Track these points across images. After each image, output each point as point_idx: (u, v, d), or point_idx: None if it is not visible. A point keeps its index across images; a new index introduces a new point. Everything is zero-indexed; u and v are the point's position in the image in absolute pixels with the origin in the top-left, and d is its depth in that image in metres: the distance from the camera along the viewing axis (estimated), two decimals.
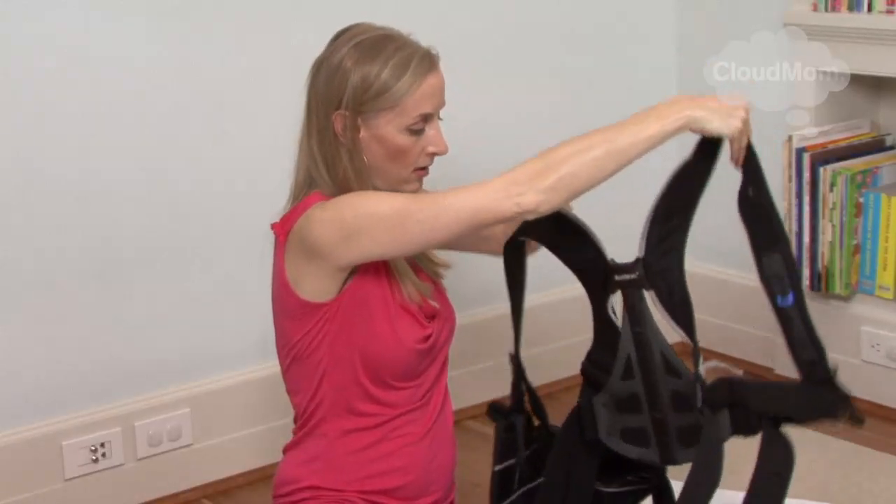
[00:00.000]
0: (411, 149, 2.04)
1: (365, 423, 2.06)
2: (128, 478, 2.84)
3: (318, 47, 2.96)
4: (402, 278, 2.06)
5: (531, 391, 2.13)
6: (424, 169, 2.08)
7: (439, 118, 2.07)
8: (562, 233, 2.00)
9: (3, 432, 2.71)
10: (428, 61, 2.03)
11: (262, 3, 2.90)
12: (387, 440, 2.07)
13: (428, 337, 2.07)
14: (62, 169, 2.69)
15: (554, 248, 2.02)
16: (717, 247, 3.65)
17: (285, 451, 2.14)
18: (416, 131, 2.03)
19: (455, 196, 1.93)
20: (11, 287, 2.67)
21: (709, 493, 1.85)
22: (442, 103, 2.06)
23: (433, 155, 2.07)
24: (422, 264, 2.16)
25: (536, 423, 2.14)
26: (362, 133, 2.02)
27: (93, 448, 2.79)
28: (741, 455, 2.97)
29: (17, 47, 2.61)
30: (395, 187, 2.06)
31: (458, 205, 1.92)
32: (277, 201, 3.00)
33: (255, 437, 2.97)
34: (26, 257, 2.68)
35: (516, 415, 2.11)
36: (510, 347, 2.16)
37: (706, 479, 1.86)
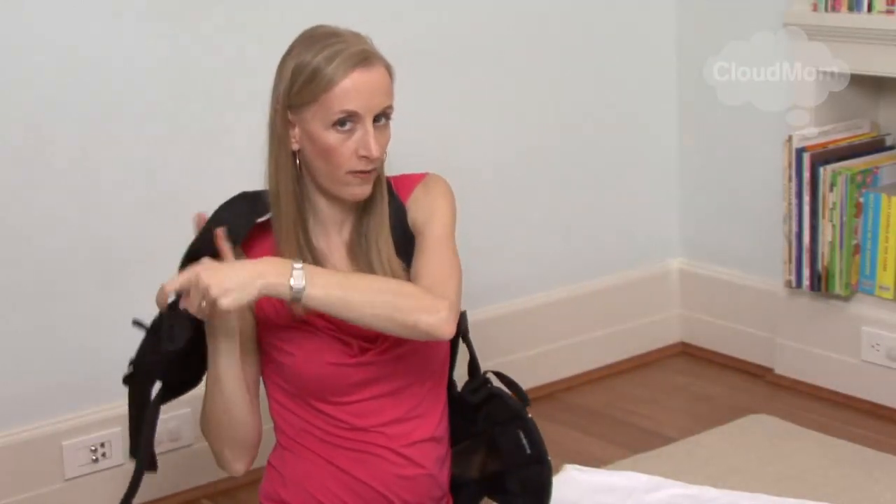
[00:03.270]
0: (338, 148, 1.98)
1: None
2: (128, 478, 2.83)
3: None
4: None
5: None
6: (361, 172, 2.00)
7: (377, 121, 1.99)
8: None
9: (3, 432, 2.71)
10: (359, 58, 1.97)
11: (262, 3, 2.90)
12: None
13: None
14: (62, 169, 2.69)
15: None
16: (716, 247, 3.66)
17: None
18: (343, 130, 1.97)
19: None
20: (11, 287, 2.67)
21: None
22: (374, 105, 1.98)
23: (365, 158, 1.99)
24: None
25: None
26: (296, 129, 2.01)
27: (93, 448, 2.79)
28: (742, 456, 2.98)
29: (16, 47, 2.61)
30: (333, 189, 2.02)
31: None
32: None
33: None
34: (26, 257, 2.68)
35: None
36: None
37: None
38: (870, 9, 3.11)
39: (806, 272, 3.27)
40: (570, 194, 3.51)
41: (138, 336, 2.82)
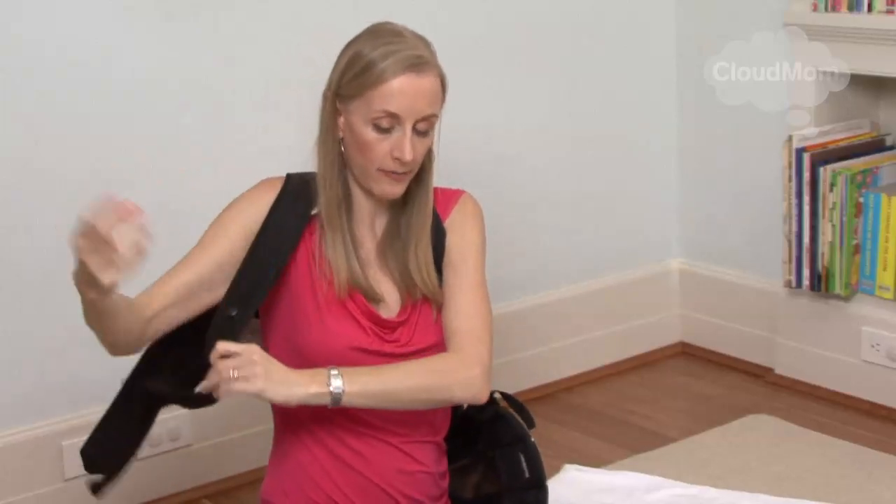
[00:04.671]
0: (375, 146, 2.00)
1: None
2: (128, 478, 2.83)
3: (317, 47, 2.96)
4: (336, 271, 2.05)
5: None
6: (393, 173, 2.02)
7: (419, 127, 2.00)
8: None
9: (3, 432, 2.71)
10: (411, 61, 1.98)
11: (262, 3, 2.90)
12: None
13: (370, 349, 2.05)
14: (63, 169, 2.69)
15: None
16: (716, 247, 3.66)
17: None
18: (382, 129, 1.99)
19: None
20: (11, 287, 2.67)
21: None
22: (417, 111, 1.99)
23: (398, 160, 2.01)
24: (408, 280, 2.10)
25: None
26: (342, 118, 2.04)
27: None
28: (742, 456, 2.98)
29: (17, 47, 2.61)
30: (365, 183, 2.05)
31: None
32: None
33: (255, 437, 2.96)
34: (26, 257, 2.68)
35: None
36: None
37: None
38: (870, 9, 3.11)
39: (806, 272, 3.27)
40: (570, 194, 3.51)
41: None
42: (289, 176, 2.13)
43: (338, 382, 1.92)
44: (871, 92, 3.34)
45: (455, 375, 2.00)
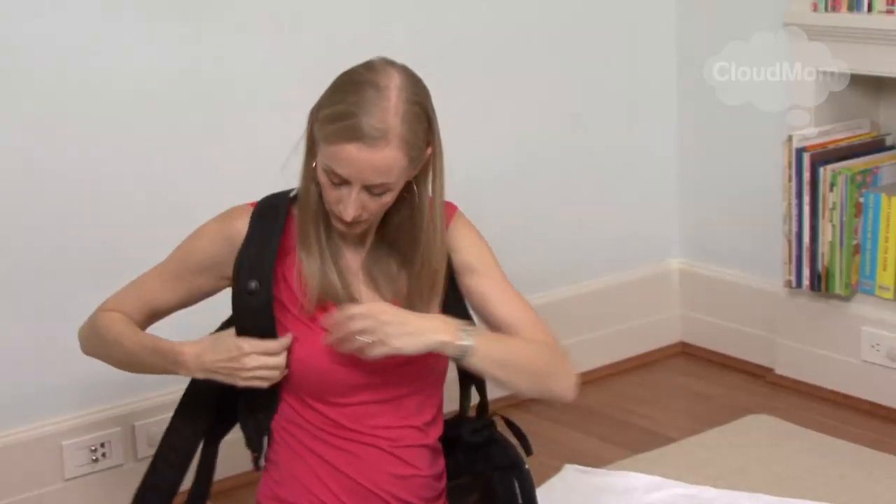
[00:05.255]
0: (327, 191, 1.97)
1: None
2: (128, 478, 2.84)
3: (316, 48, 2.97)
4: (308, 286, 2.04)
5: None
6: (341, 220, 1.99)
7: (372, 191, 1.95)
8: None
9: (3, 432, 2.71)
10: (362, 133, 1.90)
11: (261, 3, 2.90)
12: None
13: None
14: (63, 170, 2.69)
15: None
16: (716, 247, 3.66)
17: None
18: (335, 180, 1.95)
19: None
20: (11, 287, 2.67)
21: None
22: (365, 179, 1.93)
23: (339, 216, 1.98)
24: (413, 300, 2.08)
25: None
26: (316, 146, 2.01)
27: (93, 448, 2.79)
28: (742, 456, 2.98)
29: (17, 48, 2.61)
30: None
31: None
32: None
33: None
34: (27, 257, 2.68)
35: None
36: None
37: None
38: (870, 9, 3.11)
39: (806, 272, 3.27)
40: (570, 194, 3.51)
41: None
42: (261, 202, 2.11)
43: (468, 341, 1.94)
44: (871, 92, 3.34)
45: (563, 367, 2.10)
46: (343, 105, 1.93)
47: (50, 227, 2.70)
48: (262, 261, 2.04)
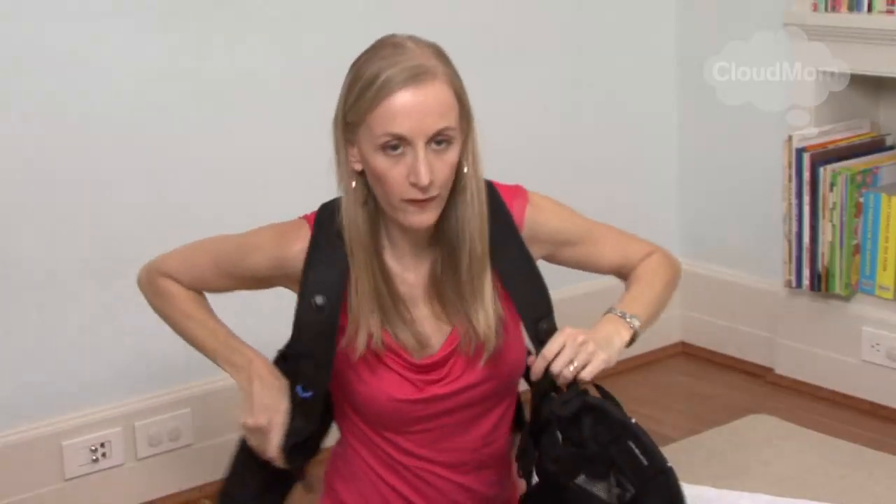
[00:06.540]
0: (389, 174, 1.82)
1: None
2: (128, 478, 2.84)
3: (315, 48, 2.97)
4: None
5: None
6: (416, 201, 1.84)
7: (435, 147, 1.83)
8: None
9: (3, 432, 2.71)
10: (408, 74, 1.80)
11: (261, 3, 2.90)
12: None
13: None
14: (62, 171, 2.69)
15: None
16: (716, 247, 3.66)
17: None
18: (393, 154, 1.81)
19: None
20: (11, 287, 2.67)
21: None
22: (425, 128, 1.81)
23: (416, 186, 1.82)
24: (453, 307, 1.97)
25: None
26: (355, 147, 1.88)
27: (93, 448, 2.79)
28: (742, 456, 2.98)
29: (17, 48, 2.61)
30: (390, 214, 1.89)
31: None
32: (276, 202, 3.00)
33: None
34: (26, 257, 2.68)
35: None
36: None
37: None
38: (870, 9, 3.11)
39: (806, 272, 3.27)
40: (570, 194, 3.47)
41: (139, 336, 2.83)
42: (318, 220, 1.97)
43: (636, 322, 2.04)
44: (871, 92, 3.34)
45: (674, 266, 2.19)
46: (367, 76, 1.82)
47: (49, 227, 2.70)
48: (331, 278, 1.93)
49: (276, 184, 2.94)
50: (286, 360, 2.05)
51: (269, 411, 1.99)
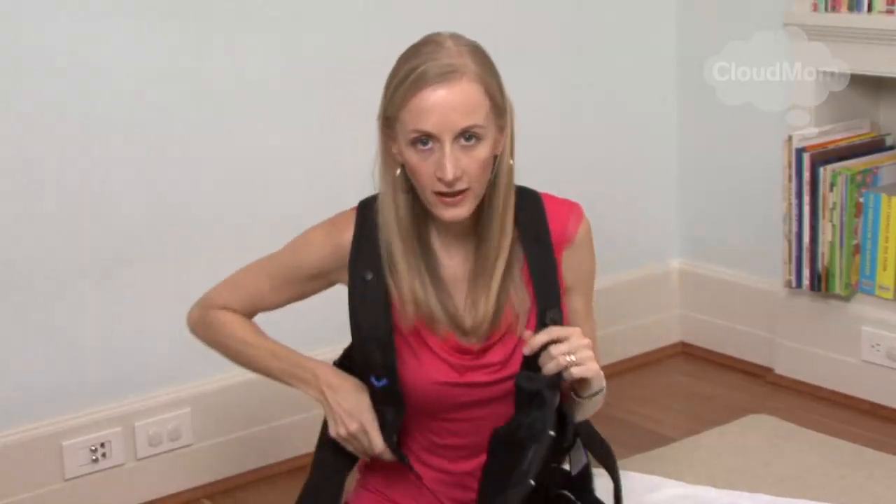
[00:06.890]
0: (420, 169, 1.91)
1: None
2: (128, 478, 2.84)
3: (315, 48, 2.97)
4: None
5: None
6: (444, 195, 1.92)
7: (463, 143, 1.90)
8: None
9: (3, 432, 2.71)
10: (435, 72, 1.88)
11: (261, 3, 2.90)
12: None
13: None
14: (62, 170, 2.69)
15: None
16: (716, 246, 3.66)
17: None
18: (423, 149, 1.90)
19: None
20: (11, 287, 2.67)
21: None
22: (451, 125, 1.88)
23: (442, 181, 1.90)
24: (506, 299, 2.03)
25: None
26: (395, 144, 1.96)
27: (93, 448, 2.79)
28: (742, 456, 2.98)
29: (17, 48, 2.61)
30: (430, 208, 1.97)
31: None
32: (276, 202, 3.01)
33: (255, 437, 2.97)
34: (26, 257, 2.68)
35: None
36: None
37: None
38: (870, 9, 3.11)
39: (806, 272, 3.27)
40: (570, 194, 3.47)
41: (139, 336, 2.83)
42: (361, 210, 2.06)
43: (603, 384, 2.01)
44: (871, 92, 3.34)
45: None
46: (405, 70, 1.90)
47: (49, 227, 2.70)
48: (375, 256, 2.00)
49: (276, 184, 2.94)
50: (351, 358, 2.09)
51: (355, 414, 2.03)
